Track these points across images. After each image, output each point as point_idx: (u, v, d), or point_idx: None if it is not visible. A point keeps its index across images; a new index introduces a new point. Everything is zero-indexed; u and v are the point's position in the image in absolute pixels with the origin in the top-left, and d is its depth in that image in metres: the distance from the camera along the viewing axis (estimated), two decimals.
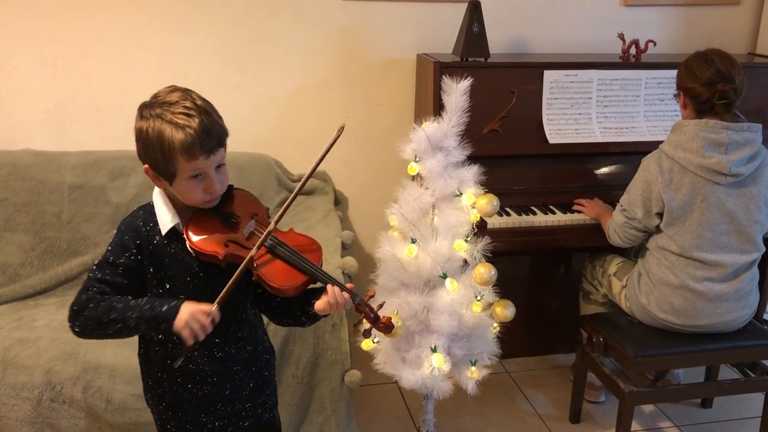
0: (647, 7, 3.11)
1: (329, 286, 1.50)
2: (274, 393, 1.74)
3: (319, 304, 1.51)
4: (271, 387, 1.72)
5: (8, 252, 2.58)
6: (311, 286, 1.54)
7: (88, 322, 1.43)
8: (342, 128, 1.54)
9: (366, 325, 1.58)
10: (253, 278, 1.49)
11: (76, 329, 1.44)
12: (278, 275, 1.47)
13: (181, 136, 1.38)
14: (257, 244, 1.46)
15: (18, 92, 2.77)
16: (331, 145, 1.55)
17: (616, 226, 2.37)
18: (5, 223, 2.59)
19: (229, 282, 1.44)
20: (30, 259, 2.59)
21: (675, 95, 2.34)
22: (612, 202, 2.55)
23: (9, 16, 2.68)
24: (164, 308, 1.41)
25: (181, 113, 1.40)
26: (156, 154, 1.42)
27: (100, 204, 2.64)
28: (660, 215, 2.26)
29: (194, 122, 1.39)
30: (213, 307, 1.42)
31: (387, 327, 1.59)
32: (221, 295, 1.43)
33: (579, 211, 2.61)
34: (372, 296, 1.59)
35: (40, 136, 2.81)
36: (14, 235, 2.59)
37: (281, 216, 1.52)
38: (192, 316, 1.40)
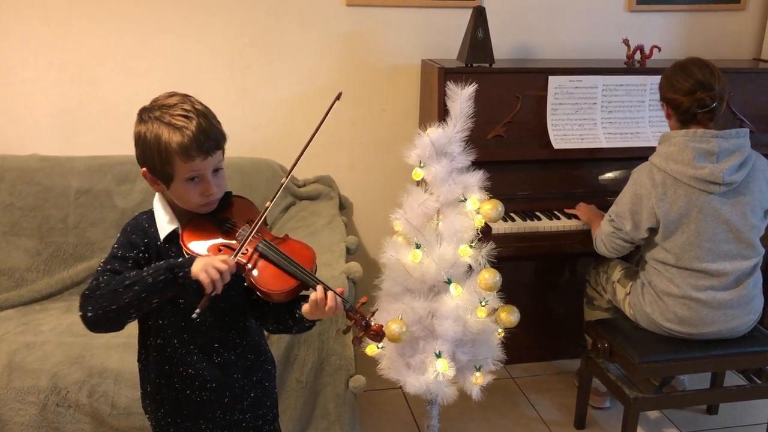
0: (652, 12, 3.11)
1: (319, 287, 1.45)
2: (275, 405, 1.72)
3: (306, 306, 1.46)
4: (272, 399, 1.71)
5: (15, 256, 2.59)
6: (304, 293, 1.50)
7: (101, 300, 1.37)
8: (339, 95, 1.55)
9: (356, 332, 1.53)
10: (245, 283, 1.48)
11: (89, 314, 1.37)
12: (269, 279, 1.45)
13: (179, 138, 1.39)
14: (240, 247, 1.45)
15: (25, 97, 2.79)
16: (328, 112, 1.56)
17: (603, 235, 2.37)
18: (12, 227, 2.60)
19: (238, 247, 1.43)
20: (36, 263, 2.60)
21: (660, 105, 2.35)
22: None
23: (17, 22, 2.70)
24: (179, 260, 1.39)
25: (179, 115, 1.41)
26: (153, 156, 1.42)
27: (106, 209, 2.65)
28: (651, 230, 2.25)
29: (192, 124, 1.40)
30: (230, 257, 1.39)
31: (377, 335, 1.52)
32: (237, 250, 1.41)
33: (574, 215, 2.60)
34: (364, 303, 1.54)
35: (46, 140, 2.83)
36: (20, 239, 2.60)
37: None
38: (207, 262, 1.36)
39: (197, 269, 1.36)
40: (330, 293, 1.45)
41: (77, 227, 2.64)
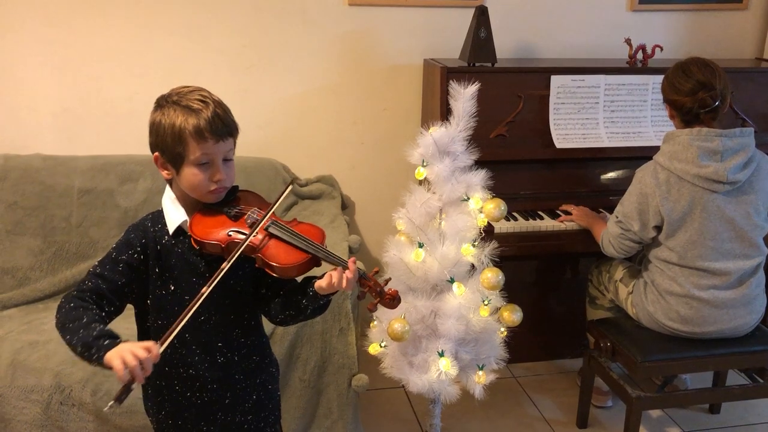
0: (654, 12, 3.12)
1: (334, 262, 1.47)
2: (277, 407, 1.73)
3: (321, 282, 1.46)
4: (274, 401, 1.71)
5: (18, 256, 2.60)
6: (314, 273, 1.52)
7: (57, 318, 1.40)
8: (292, 181, 1.58)
9: (371, 299, 1.54)
10: (256, 264, 1.48)
11: (55, 320, 1.41)
12: (280, 255, 1.47)
13: (194, 120, 1.44)
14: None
15: (27, 97, 2.80)
16: (281, 196, 1.60)
17: (612, 237, 2.37)
18: (15, 226, 2.60)
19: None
20: (39, 262, 2.61)
21: (664, 105, 2.35)
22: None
23: (19, 22, 2.71)
24: (107, 341, 1.30)
25: (197, 99, 1.46)
26: (167, 137, 1.45)
27: (108, 208, 2.66)
28: (657, 228, 2.26)
29: (209, 108, 1.45)
30: (156, 345, 1.30)
31: (393, 299, 1.55)
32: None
33: (569, 220, 2.59)
34: (377, 272, 1.56)
35: (49, 140, 2.83)
36: (24, 238, 2.61)
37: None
38: (128, 348, 1.26)
39: (112, 355, 1.26)
40: (342, 264, 1.47)
41: (80, 226, 2.64)
